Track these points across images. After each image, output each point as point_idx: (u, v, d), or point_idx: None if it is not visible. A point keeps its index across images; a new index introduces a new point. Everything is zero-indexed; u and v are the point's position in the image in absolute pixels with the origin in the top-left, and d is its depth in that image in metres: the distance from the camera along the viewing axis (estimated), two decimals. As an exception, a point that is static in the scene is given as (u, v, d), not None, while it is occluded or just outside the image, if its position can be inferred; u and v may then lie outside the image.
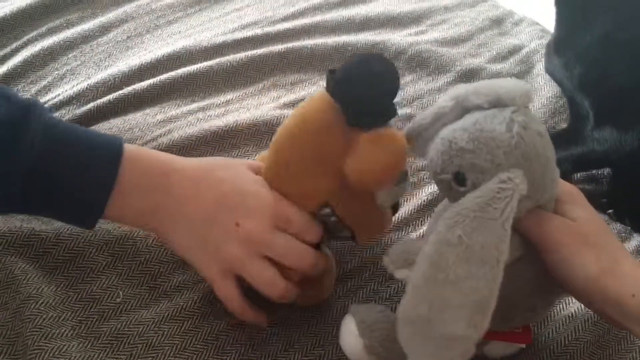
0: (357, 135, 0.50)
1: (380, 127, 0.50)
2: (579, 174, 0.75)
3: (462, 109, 0.48)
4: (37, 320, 0.53)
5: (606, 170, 0.74)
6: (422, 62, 0.89)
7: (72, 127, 0.51)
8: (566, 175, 0.74)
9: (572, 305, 0.59)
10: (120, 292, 0.56)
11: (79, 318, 0.54)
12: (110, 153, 0.48)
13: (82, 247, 0.58)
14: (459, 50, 0.94)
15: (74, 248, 0.58)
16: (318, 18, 0.95)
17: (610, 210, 0.70)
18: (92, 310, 0.55)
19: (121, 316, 0.55)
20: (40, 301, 0.54)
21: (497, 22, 1.02)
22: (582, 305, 0.56)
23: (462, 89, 0.49)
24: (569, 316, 0.59)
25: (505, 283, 0.42)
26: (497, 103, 0.45)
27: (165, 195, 0.50)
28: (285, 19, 0.94)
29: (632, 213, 0.69)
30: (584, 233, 0.45)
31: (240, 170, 0.54)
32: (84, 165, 0.48)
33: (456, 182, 0.46)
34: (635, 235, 0.68)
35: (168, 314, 0.55)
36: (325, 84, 0.51)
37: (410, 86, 0.86)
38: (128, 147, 0.50)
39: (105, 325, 0.54)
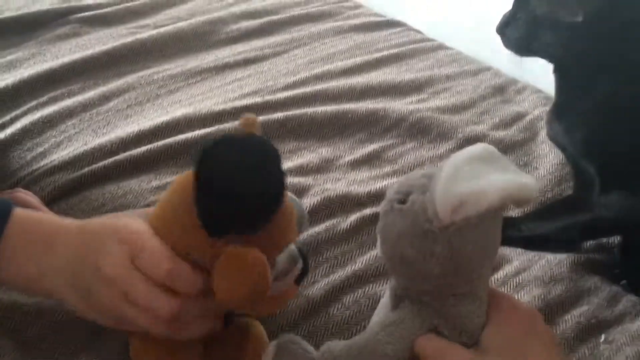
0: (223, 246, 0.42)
1: (239, 241, 0.41)
2: (588, 243, 0.72)
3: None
4: (8, 400, 0.49)
5: (617, 239, 0.71)
6: (424, 129, 0.88)
7: None
8: (574, 244, 0.71)
9: None
10: (97, 372, 0.53)
11: (52, 398, 0.51)
12: None
13: (63, 322, 0.55)
14: (461, 117, 0.93)
15: (56, 321, 0.55)
16: (319, 87, 0.95)
17: (623, 282, 0.67)
18: (67, 389, 0.51)
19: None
20: (13, 379, 0.51)
21: (500, 90, 1.01)
22: None
23: None
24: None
25: None
26: None
27: (52, 255, 0.47)
28: (286, 87, 0.94)
29: (647, 284, 0.65)
30: None
31: (121, 217, 0.50)
32: None
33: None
34: (651, 307, 0.64)
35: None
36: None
37: (411, 154, 0.84)
38: (16, 213, 0.48)
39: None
